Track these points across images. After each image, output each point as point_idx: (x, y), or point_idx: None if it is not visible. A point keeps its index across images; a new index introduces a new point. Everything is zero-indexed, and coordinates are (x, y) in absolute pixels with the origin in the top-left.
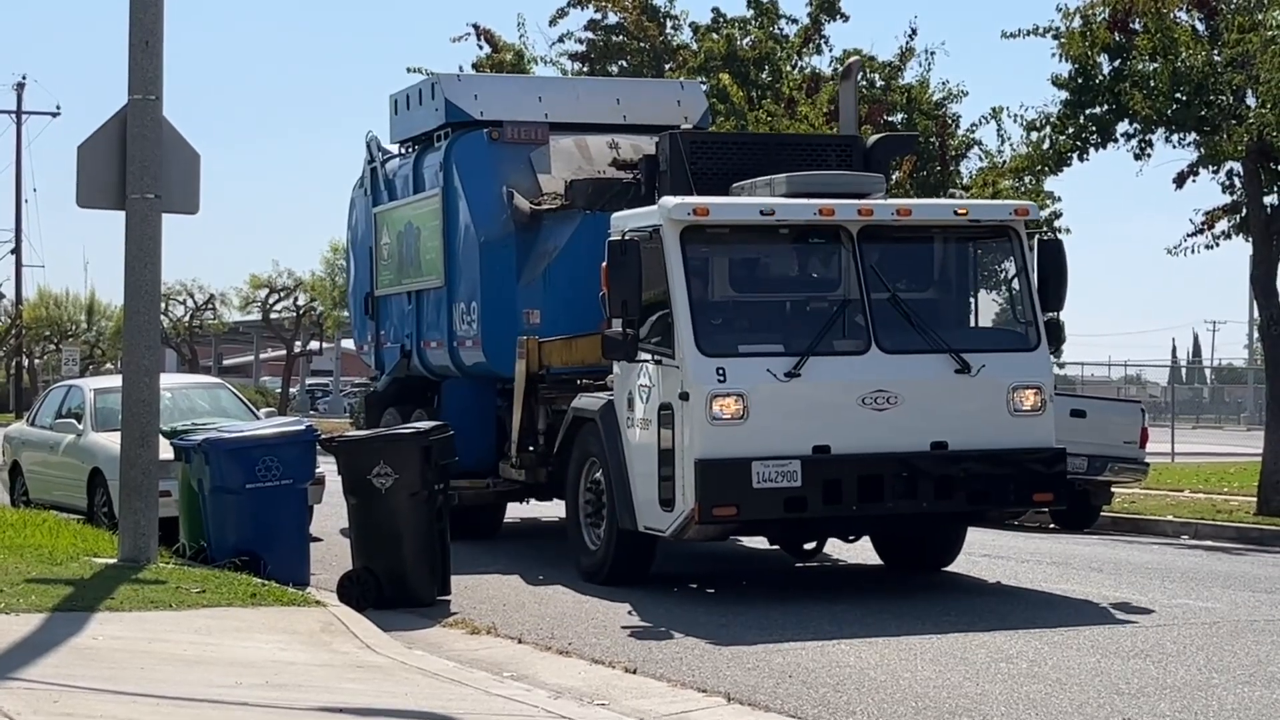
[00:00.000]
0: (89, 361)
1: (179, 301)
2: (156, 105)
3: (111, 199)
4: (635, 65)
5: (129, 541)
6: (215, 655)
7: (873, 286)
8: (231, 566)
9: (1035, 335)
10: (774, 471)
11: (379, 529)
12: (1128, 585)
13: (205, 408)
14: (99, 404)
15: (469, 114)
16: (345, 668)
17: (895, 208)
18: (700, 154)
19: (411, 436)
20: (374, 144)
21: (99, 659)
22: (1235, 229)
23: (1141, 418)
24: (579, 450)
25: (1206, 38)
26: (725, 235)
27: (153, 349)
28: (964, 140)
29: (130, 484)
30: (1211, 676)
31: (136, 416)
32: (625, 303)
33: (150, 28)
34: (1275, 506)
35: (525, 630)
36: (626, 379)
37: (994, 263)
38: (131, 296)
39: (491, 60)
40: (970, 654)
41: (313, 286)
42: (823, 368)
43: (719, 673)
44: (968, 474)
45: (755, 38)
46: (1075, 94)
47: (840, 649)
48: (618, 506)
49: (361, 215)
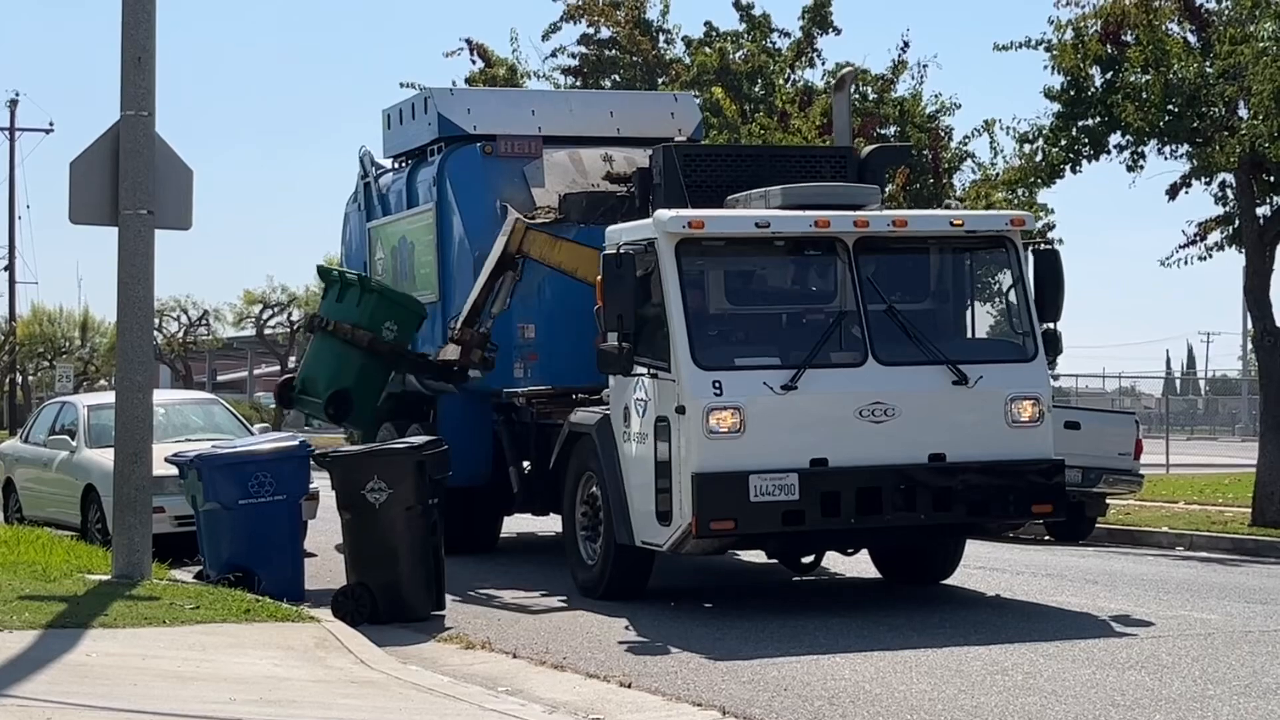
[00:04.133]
0: (83, 378)
1: (173, 318)
2: (149, 121)
3: (104, 215)
4: (628, 79)
5: (122, 558)
6: (209, 672)
7: (869, 298)
8: (226, 582)
9: (1033, 346)
10: (771, 485)
11: (373, 544)
12: (1123, 597)
13: (199, 424)
14: (92, 420)
15: (462, 128)
16: (340, 683)
17: (891, 219)
18: (694, 166)
19: (405, 451)
20: (367, 159)
21: (93, 676)
22: (1228, 240)
23: (1136, 429)
24: (575, 465)
25: (1198, 49)
26: (720, 248)
27: (146, 365)
28: (957, 153)
29: (124, 500)
30: (1207, 688)
31: (130, 433)
32: (620, 316)
33: (143, 44)
34: (1270, 517)
35: (520, 645)
36: (622, 393)
37: (990, 273)
38: (124, 313)
39: (484, 75)
40: (966, 666)
41: (306, 302)
42: (820, 380)
43: (714, 687)
44: (966, 486)
45: (748, 51)
46: (1067, 106)
47: (835, 662)
48: (614, 521)
49: (355, 230)
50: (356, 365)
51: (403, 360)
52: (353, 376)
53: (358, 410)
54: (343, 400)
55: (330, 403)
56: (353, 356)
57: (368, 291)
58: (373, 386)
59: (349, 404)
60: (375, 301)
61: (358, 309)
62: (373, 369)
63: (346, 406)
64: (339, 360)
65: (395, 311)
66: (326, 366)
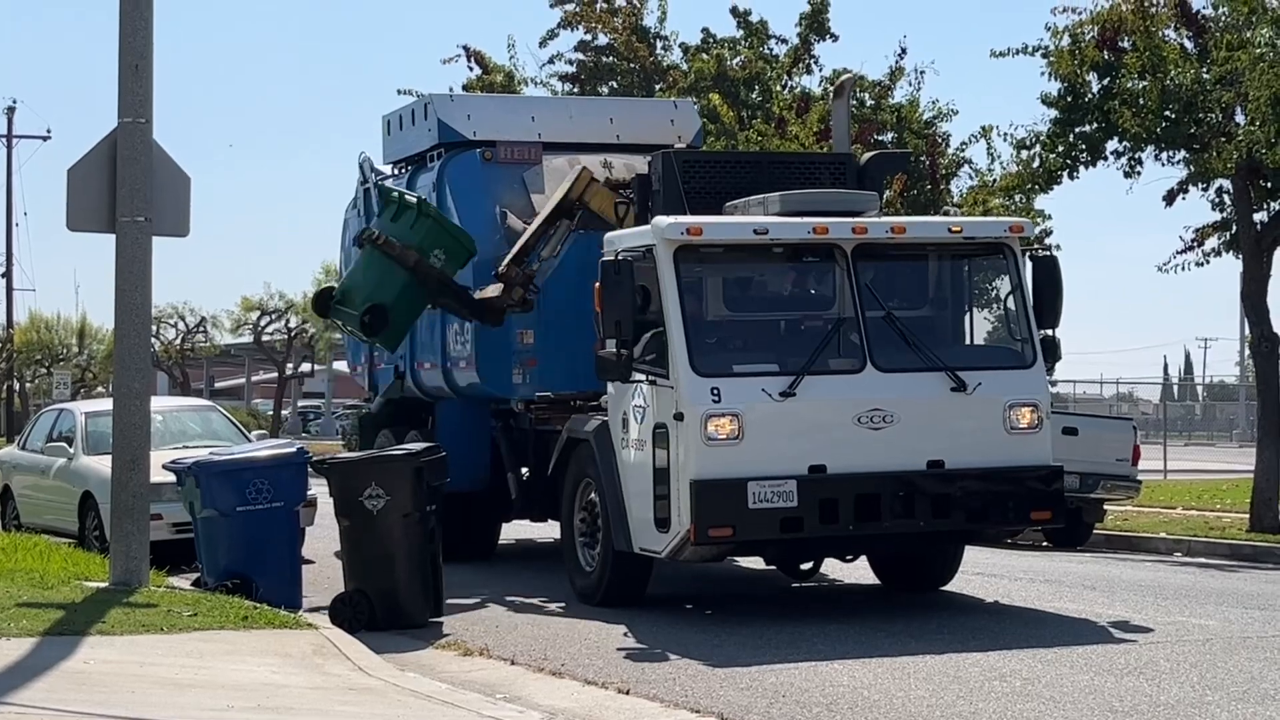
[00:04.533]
0: (80, 385)
1: (170, 324)
2: (147, 128)
3: (101, 222)
4: (625, 86)
5: (120, 565)
6: (207, 679)
7: (868, 305)
8: (223, 589)
9: (1031, 352)
10: (770, 491)
11: (371, 551)
12: (1121, 603)
13: (197, 430)
14: (90, 427)
15: (462, 134)
16: (337, 690)
17: (890, 225)
18: (693, 173)
19: (403, 458)
20: (367, 165)
21: (90, 683)
22: (1225, 246)
23: (1133, 435)
24: (574, 471)
25: (1195, 56)
26: (719, 254)
27: (144, 372)
28: (954, 159)
29: (121, 507)
30: (1205, 694)
31: (127, 440)
32: (619, 323)
33: (140, 51)
34: (1267, 523)
35: (518, 652)
36: (621, 400)
37: (989, 280)
38: (122, 320)
39: (482, 82)
40: (964, 672)
41: (304, 308)
42: (818, 387)
43: (712, 693)
44: (965, 493)
45: (745, 58)
46: (1065, 112)
47: (834, 669)
48: (613, 528)
49: (355, 236)
50: (399, 283)
51: (446, 289)
52: (394, 294)
53: (392, 328)
54: (379, 314)
55: (367, 313)
56: (397, 274)
57: (424, 215)
58: (411, 309)
59: (385, 319)
60: (429, 227)
61: (411, 230)
62: (414, 291)
63: (382, 321)
64: (383, 275)
65: (446, 240)
66: (370, 280)
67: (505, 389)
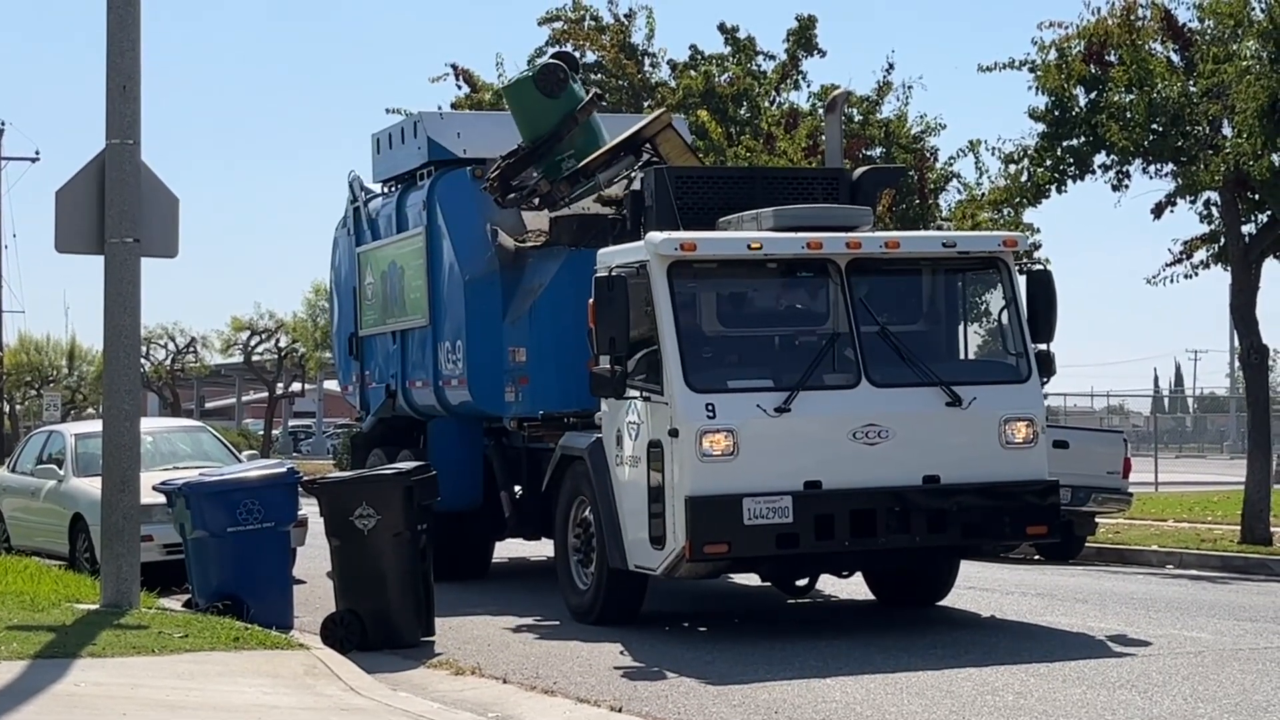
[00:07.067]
0: (70, 406)
1: (160, 345)
2: (135, 150)
3: (90, 244)
4: (614, 103)
5: (111, 587)
6: (198, 700)
7: (862, 320)
8: (214, 610)
9: (1026, 367)
10: (765, 508)
11: (362, 570)
12: (1113, 616)
13: (187, 451)
14: (80, 449)
15: (452, 152)
16: (330, 711)
17: (884, 240)
18: (686, 188)
19: (393, 477)
20: (356, 183)
21: (81, 705)
22: (1214, 258)
23: (1124, 448)
24: (568, 488)
25: (1182, 68)
26: (713, 270)
27: (133, 393)
28: (942, 173)
29: (112, 529)
30: (1198, 706)
31: (117, 461)
32: (613, 339)
33: (128, 73)
34: (1259, 535)
35: (510, 670)
36: (615, 416)
37: (983, 294)
38: (111, 341)
39: (470, 100)
40: (956, 687)
41: (294, 328)
42: (813, 402)
43: (705, 710)
44: (960, 508)
45: (733, 74)
46: (1052, 126)
47: (827, 685)
48: (607, 545)
49: (345, 255)
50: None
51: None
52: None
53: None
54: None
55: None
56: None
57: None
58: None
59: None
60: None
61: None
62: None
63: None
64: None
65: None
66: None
67: (497, 407)
